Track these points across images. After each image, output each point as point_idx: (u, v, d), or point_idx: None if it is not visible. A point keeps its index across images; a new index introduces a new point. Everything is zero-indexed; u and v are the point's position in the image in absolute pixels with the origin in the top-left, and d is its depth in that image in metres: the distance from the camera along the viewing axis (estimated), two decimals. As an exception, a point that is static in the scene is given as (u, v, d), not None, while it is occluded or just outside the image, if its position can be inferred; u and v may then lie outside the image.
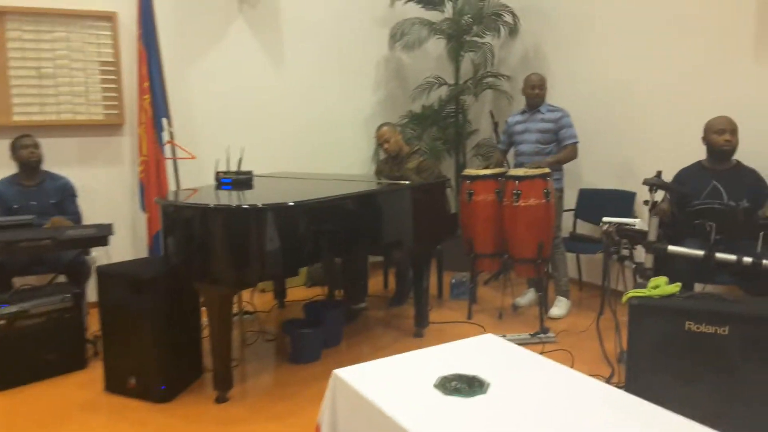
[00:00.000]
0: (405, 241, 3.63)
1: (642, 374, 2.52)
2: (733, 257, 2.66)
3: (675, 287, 2.58)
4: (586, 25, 4.54)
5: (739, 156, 3.32)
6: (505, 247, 4.03)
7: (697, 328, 2.41)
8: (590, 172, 4.50)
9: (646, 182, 2.96)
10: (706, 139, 3.37)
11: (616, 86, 4.35)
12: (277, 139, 4.95)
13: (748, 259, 2.63)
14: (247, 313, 4.24)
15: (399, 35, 5.22)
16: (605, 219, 3.30)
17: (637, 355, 2.53)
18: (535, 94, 4.12)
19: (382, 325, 4.09)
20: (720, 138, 3.28)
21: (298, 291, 4.78)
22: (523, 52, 5.14)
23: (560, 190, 4.13)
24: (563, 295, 4.21)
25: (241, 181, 3.75)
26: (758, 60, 3.51)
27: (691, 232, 3.13)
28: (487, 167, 4.36)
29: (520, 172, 3.85)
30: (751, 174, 3.32)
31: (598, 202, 4.47)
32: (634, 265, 3.06)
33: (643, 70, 4.16)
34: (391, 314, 4.31)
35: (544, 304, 3.92)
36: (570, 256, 4.36)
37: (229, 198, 3.32)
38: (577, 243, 4.37)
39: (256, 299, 4.56)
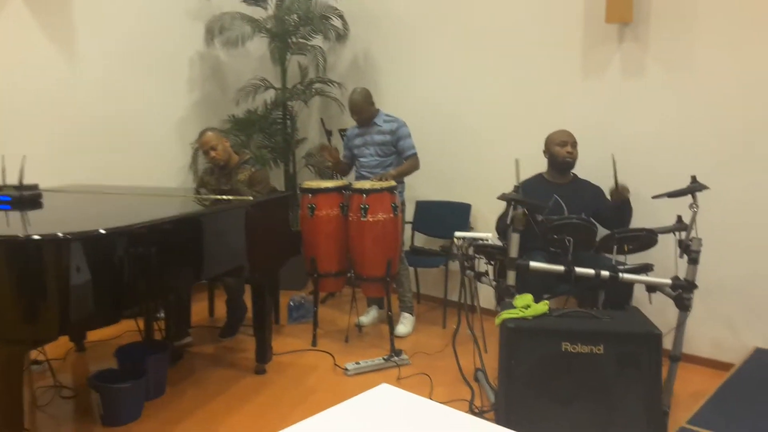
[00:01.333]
0: (243, 266, 3.14)
1: (519, 399, 2.39)
2: (591, 271, 2.67)
3: (544, 306, 2.50)
4: (418, 34, 4.45)
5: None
6: (350, 265, 3.74)
7: (573, 348, 2.34)
8: (425, 183, 4.41)
9: (503, 198, 2.88)
10: (548, 152, 3.43)
11: (450, 97, 4.32)
12: (69, 144, 4.07)
13: (605, 273, 2.65)
14: (35, 362, 3.37)
15: (217, 30, 4.66)
16: (458, 234, 3.17)
17: (514, 379, 2.40)
18: (357, 119, 3.91)
19: (213, 362, 3.54)
20: (563, 150, 3.35)
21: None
22: (353, 59, 4.92)
23: (402, 203, 3.97)
24: (408, 312, 4.04)
25: (24, 198, 2.94)
26: (586, 76, 3.68)
27: (538, 245, 3.12)
28: (332, 169, 4.05)
29: (367, 185, 3.59)
30: (590, 187, 3.45)
31: (435, 215, 4.40)
32: (494, 283, 2.96)
33: (476, 83, 4.18)
34: (222, 348, 3.75)
35: (390, 323, 3.70)
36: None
37: (10, 223, 2.54)
38: (417, 256, 4.25)
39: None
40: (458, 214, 4.28)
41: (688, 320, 2.67)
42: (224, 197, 3.29)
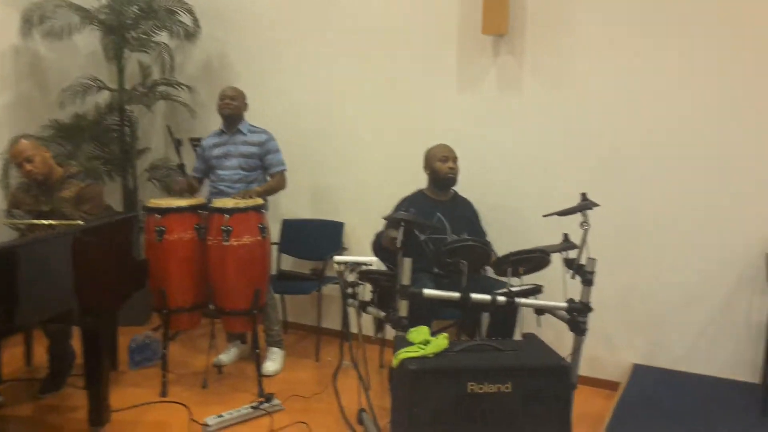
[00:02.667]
0: (71, 309, 2.49)
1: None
2: (487, 297, 2.45)
3: (444, 340, 2.22)
4: (280, 36, 4.04)
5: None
6: (209, 297, 3.21)
7: (480, 388, 2.08)
8: (292, 200, 3.99)
9: (391, 218, 2.57)
10: (429, 168, 3.21)
11: (318, 106, 3.95)
12: None
13: (502, 298, 2.44)
14: None
15: (37, 19, 3.88)
16: (338, 259, 2.82)
17: (417, 427, 2.08)
18: (227, 105, 3.43)
19: (31, 427, 2.81)
20: (444, 166, 3.15)
21: None
22: (206, 60, 4.37)
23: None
24: (276, 346, 3.58)
25: None
26: (462, 89, 3.52)
27: (421, 266, 2.86)
28: (179, 192, 3.47)
29: (229, 203, 3.10)
30: (468, 205, 3.29)
31: (304, 235, 4.00)
32: (383, 314, 2.64)
33: (347, 91, 3.86)
34: (44, 407, 3.02)
35: (257, 361, 3.23)
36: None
37: None
38: (285, 282, 3.82)
39: None
40: (330, 233, 3.92)
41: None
42: (45, 222, 2.62)
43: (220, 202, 3.14)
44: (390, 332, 3.42)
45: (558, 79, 3.26)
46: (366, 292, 2.87)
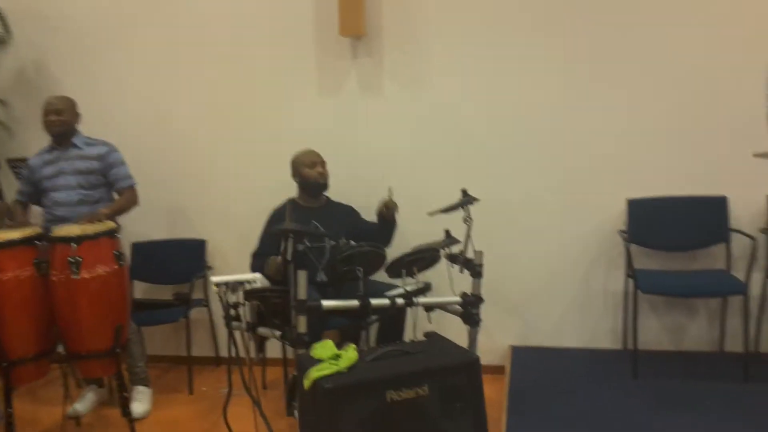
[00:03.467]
0: None
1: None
2: (386, 301, 2.39)
3: (353, 352, 2.11)
4: (109, 42, 3.61)
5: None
6: (57, 340, 2.76)
7: (399, 395, 2.01)
8: (142, 220, 3.57)
9: (278, 231, 2.40)
10: (297, 175, 3.08)
11: (164, 115, 3.60)
12: None
13: (401, 300, 2.40)
14: None
15: None
16: (216, 279, 2.58)
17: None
18: (53, 122, 3.00)
19: None
20: (313, 171, 3.05)
21: None
22: (20, 69, 3.76)
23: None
24: (142, 384, 3.19)
25: None
26: (323, 91, 3.42)
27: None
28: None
29: (75, 230, 2.68)
30: (342, 208, 3.20)
31: (160, 257, 3.62)
32: (278, 333, 2.45)
33: (196, 96, 3.56)
34: None
35: (124, 404, 2.84)
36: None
37: None
38: (144, 312, 3.42)
39: None
40: (191, 252, 3.59)
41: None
42: None
43: (63, 230, 2.70)
44: (272, 351, 3.25)
45: (416, 80, 3.31)
46: (248, 312, 2.67)
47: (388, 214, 2.95)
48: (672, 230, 3.11)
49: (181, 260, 3.58)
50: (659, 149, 3.11)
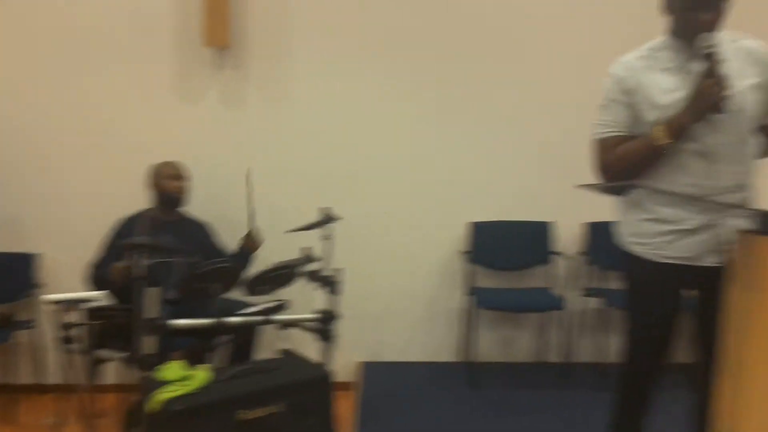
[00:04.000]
0: None
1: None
2: (241, 319, 2.37)
3: (205, 372, 2.08)
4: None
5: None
6: None
7: (251, 414, 2.01)
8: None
9: (131, 245, 2.28)
10: (156, 186, 2.95)
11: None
12: None
13: (257, 318, 2.40)
14: None
15: None
16: (50, 298, 2.40)
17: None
18: None
19: None
20: (172, 184, 2.95)
21: None
22: None
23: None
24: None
25: None
26: (183, 103, 3.32)
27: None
28: None
29: None
30: (196, 223, 3.12)
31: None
32: (122, 354, 2.32)
33: (41, 97, 3.27)
34: None
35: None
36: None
37: None
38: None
39: None
40: (17, 268, 3.25)
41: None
42: None
43: None
44: (110, 375, 3.04)
45: (281, 95, 3.34)
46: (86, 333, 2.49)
47: (251, 248, 2.97)
48: (506, 251, 3.43)
49: (4, 277, 3.23)
50: (497, 178, 3.43)
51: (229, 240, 3.26)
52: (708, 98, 1.73)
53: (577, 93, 3.32)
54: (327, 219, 2.71)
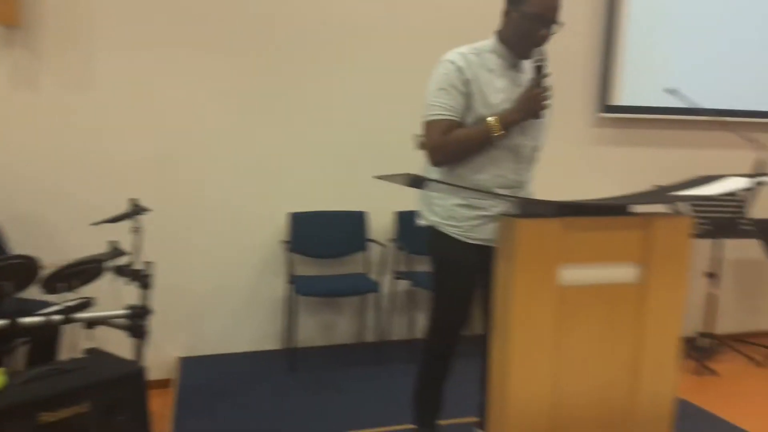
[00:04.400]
0: None
1: None
2: (39, 318, 2.21)
3: (3, 375, 1.92)
4: None
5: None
6: None
7: (55, 416, 1.90)
8: None
9: None
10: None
11: None
12: None
13: (58, 318, 2.25)
14: None
15: None
16: None
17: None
18: None
19: None
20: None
21: None
22: None
23: None
24: None
25: None
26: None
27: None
28: None
29: None
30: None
31: None
32: None
33: None
34: None
35: None
36: None
37: None
38: None
39: None
40: None
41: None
42: None
43: None
44: None
45: (82, 77, 3.12)
46: None
47: None
48: (325, 240, 3.57)
49: None
50: (316, 169, 3.55)
51: (19, 236, 3.00)
52: (534, 104, 2.04)
53: (390, 90, 3.58)
54: (135, 210, 2.61)
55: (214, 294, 3.46)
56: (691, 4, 3.76)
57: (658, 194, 1.98)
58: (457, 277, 2.26)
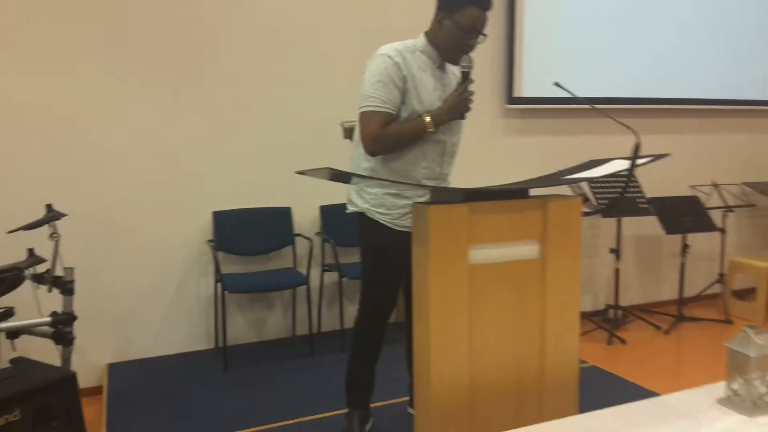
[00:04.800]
0: None
1: None
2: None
3: None
4: None
5: None
6: None
7: (-17, 426, 1.88)
8: None
9: None
10: None
11: None
12: None
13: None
14: None
15: None
16: None
17: None
18: None
19: None
20: None
21: None
22: None
23: None
24: None
25: None
26: None
27: None
28: None
29: None
30: None
31: None
32: None
33: None
34: None
35: None
36: None
37: None
38: None
39: None
40: None
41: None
42: None
43: None
44: None
45: (-13, 88, 3.03)
46: None
47: None
48: (251, 237, 3.62)
49: None
50: (240, 168, 3.58)
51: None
52: (462, 107, 2.25)
53: (314, 89, 3.66)
54: (52, 216, 2.58)
55: (140, 297, 3.43)
56: (578, 7, 4.14)
57: (554, 178, 2.18)
58: (387, 262, 2.40)
